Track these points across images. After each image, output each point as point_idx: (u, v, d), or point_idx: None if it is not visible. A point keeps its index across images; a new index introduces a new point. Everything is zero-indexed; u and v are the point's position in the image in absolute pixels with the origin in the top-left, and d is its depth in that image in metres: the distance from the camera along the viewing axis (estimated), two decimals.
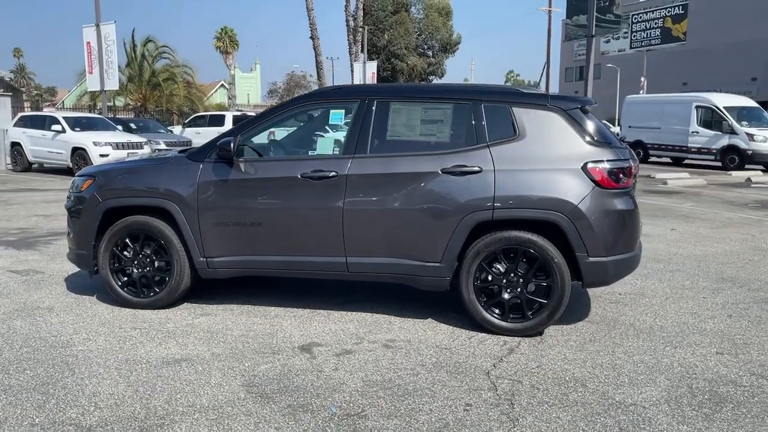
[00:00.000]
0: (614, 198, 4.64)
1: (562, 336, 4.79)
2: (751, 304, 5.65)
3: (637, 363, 4.27)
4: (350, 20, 41.63)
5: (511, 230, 4.68)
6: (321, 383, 3.89)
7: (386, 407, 3.58)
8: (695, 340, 4.71)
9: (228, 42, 73.97)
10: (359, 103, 5.01)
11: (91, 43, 24.53)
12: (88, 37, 24.70)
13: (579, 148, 4.67)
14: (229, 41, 74.06)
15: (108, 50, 24.27)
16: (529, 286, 4.72)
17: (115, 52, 24.62)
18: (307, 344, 4.55)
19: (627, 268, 4.85)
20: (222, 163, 5.07)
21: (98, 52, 24.23)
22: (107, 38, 24.19)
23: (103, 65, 24.18)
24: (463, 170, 4.70)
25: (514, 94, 4.91)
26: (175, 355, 4.33)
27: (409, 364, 4.22)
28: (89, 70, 25.07)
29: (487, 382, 3.95)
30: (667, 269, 6.94)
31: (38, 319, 5.08)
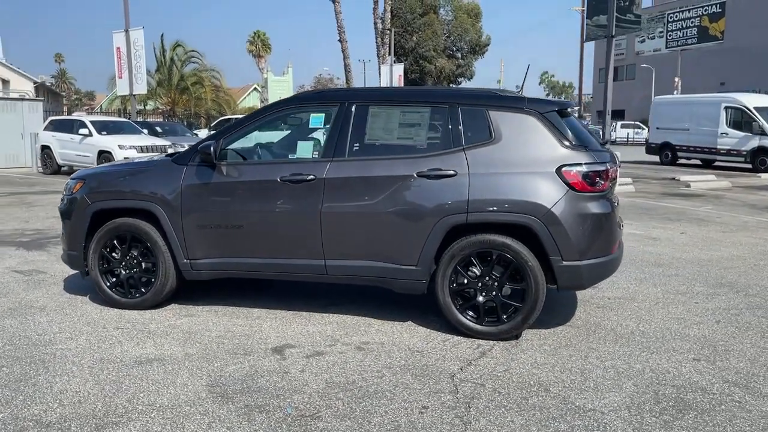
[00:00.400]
0: (589, 201, 4.60)
1: (539, 340, 4.75)
2: (743, 310, 5.52)
3: (608, 368, 4.22)
4: (378, 23, 41.75)
5: (486, 233, 4.67)
6: (284, 384, 3.93)
7: (342, 409, 3.61)
8: (675, 346, 4.63)
9: (260, 46, 74.92)
10: (339, 107, 5.05)
11: (121, 49, 25.10)
12: (117, 43, 25.27)
13: (554, 151, 4.63)
14: (262, 45, 75.00)
15: (136, 55, 24.79)
16: (504, 289, 4.70)
17: (143, 57, 25.15)
18: (281, 346, 4.61)
19: (603, 272, 4.80)
20: (205, 166, 5.16)
21: (127, 57, 24.78)
22: (136, 44, 24.72)
23: (132, 70, 24.71)
24: (438, 174, 4.70)
25: (491, 98, 4.90)
26: (150, 354, 4.43)
27: (377, 366, 4.23)
28: (119, 74, 25.65)
29: (450, 385, 3.94)
30: (665, 273, 6.82)
31: (28, 318, 5.23)
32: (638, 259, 7.48)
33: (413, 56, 46.37)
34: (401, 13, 45.45)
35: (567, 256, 4.56)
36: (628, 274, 6.75)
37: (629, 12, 15.22)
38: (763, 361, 4.35)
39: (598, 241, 4.64)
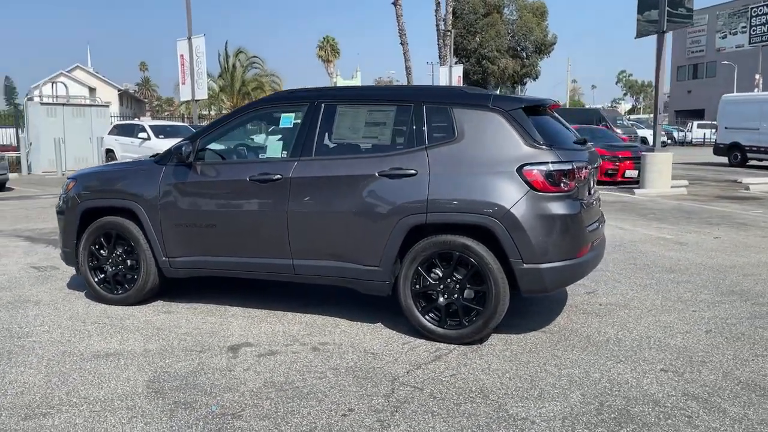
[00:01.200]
0: (552, 202, 4.40)
1: (503, 345, 4.59)
2: (743, 319, 5.16)
3: (562, 377, 4.02)
4: (440, 24, 41.56)
5: (447, 234, 4.55)
6: (223, 383, 3.95)
7: (267, 409, 3.59)
8: (647, 356, 4.37)
9: (329, 50, 76.11)
10: (308, 106, 5.04)
11: (184, 56, 25.98)
12: (181, 50, 26.19)
13: (516, 150, 4.46)
14: (331, 50, 76.17)
15: (198, 62, 25.62)
16: (467, 292, 4.56)
17: (204, 64, 25.97)
18: (239, 344, 4.63)
19: (569, 276, 4.58)
20: (182, 166, 5.26)
21: (190, 64, 25.65)
22: (197, 50, 25.55)
23: (194, 76, 25.55)
24: (399, 173, 4.62)
25: (456, 96, 4.77)
26: (111, 349, 4.54)
27: (323, 367, 4.19)
28: (182, 80, 26.56)
29: (388, 388, 3.86)
30: (675, 280, 6.45)
31: (20, 311, 5.48)
32: (652, 264, 7.11)
33: (475, 57, 45.84)
34: (464, 14, 45.03)
35: (528, 259, 4.38)
36: (633, 280, 6.43)
37: (681, 6, 14.53)
38: (737, 375, 4.04)
39: (561, 244, 4.43)
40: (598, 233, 4.96)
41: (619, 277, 6.54)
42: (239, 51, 33.57)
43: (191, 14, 25.53)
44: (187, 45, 25.65)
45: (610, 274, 6.69)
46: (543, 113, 4.88)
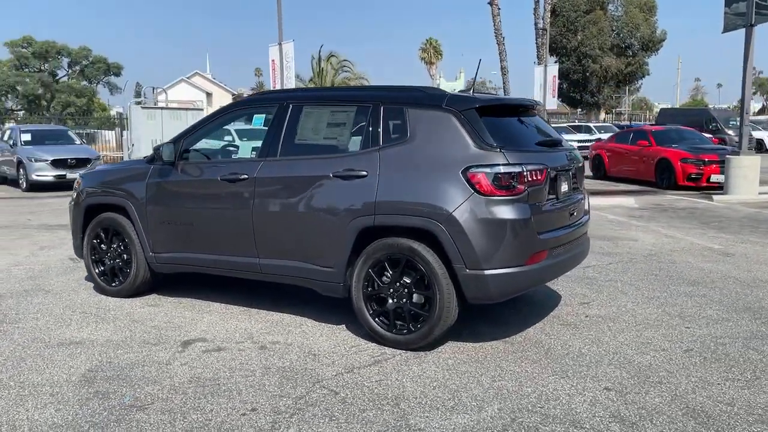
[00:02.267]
0: (498, 206, 4.20)
1: (452, 353, 4.43)
2: (738, 339, 4.69)
3: (491, 389, 3.83)
4: (539, 22, 40.47)
5: (395, 237, 4.45)
6: (153, 376, 4.07)
7: (175, 403, 3.66)
8: (599, 373, 4.08)
9: (432, 52, 76.07)
10: (278, 107, 5.10)
11: (275, 61, 26.94)
12: (272, 56, 27.15)
13: (464, 151, 4.30)
14: (434, 51, 76.09)
15: (287, 66, 26.46)
16: (415, 297, 4.44)
17: (293, 68, 26.78)
18: (195, 339, 4.76)
19: (517, 284, 4.34)
20: (167, 166, 5.47)
21: (280, 69, 26.54)
22: (287, 56, 26.39)
23: (284, 81, 26.40)
24: (351, 174, 4.57)
25: (413, 96, 4.65)
26: (78, 338, 4.80)
27: (257, 365, 4.23)
28: (273, 85, 27.53)
29: (305, 390, 3.83)
30: (690, 293, 5.95)
31: (28, 299, 5.90)
32: (676, 276, 6.60)
33: (576, 56, 44.12)
34: (564, 12, 43.47)
35: (471, 265, 4.20)
36: (642, 292, 6.00)
37: None
38: (687, 400, 3.69)
39: (507, 250, 4.22)
40: (566, 238, 4.67)
41: (626, 288, 6.12)
42: (331, 55, 34.32)
43: (282, 20, 26.40)
44: (278, 50, 26.57)
45: (620, 284, 6.27)
46: (519, 113, 4.69)
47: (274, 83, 27.16)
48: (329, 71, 33.65)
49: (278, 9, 26.30)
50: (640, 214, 11.20)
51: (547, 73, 34.15)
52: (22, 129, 19.38)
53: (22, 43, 60.56)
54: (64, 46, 61.92)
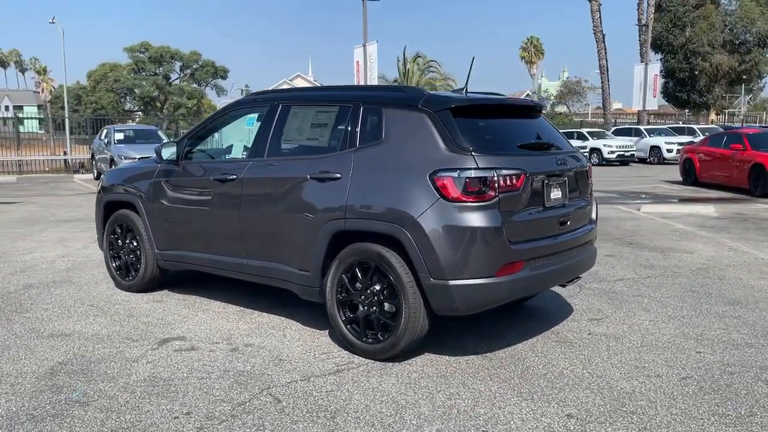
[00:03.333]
0: (465, 212, 3.93)
1: (421, 366, 4.21)
2: (750, 369, 4.16)
3: (441, 408, 3.59)
4: (642, 18, 38.54)
5: (365, 242, 4.28)
6: (114, 372, 4.12)
7: (119, 401, 3.67)
8: (568, 397, 3.73)
9: (533, 51, 74.33)
10: (269, 108, 5.05)
11: (360, 62, 27.23)
12: (357, 57, 27.48)
13: (434, 154, 4.06)
14: (535, 50, 74.34)
15: (371, 67, 26.67)
16: (386, 305, 4.24)
17: (376, 69, 26.98)
18: (175, 337, 4.78)
19: (485, 298, 4.04)
20: (171, 165, 5.56)
21: (364, 70, 26.77)
22: (371, 57, 26.61)
23: (366, 81, 26.61)
24: (325, 176, 4.44)
25: (391, 96, 4.45)
26: (68, 330, 4.95)
27: (217, 367, 4.18)
28: None
29: (249, 396, 3.74)
30: (724, 314, 5.37)
31: (51, 290, 6.18)
32: (716, 294, 5.99)
33: (683, 53, 41.42)
34: (671, 6, 40.92)
35: (435, 274, 3.96)
36: (666, 310, 5.48)
37: None
38: None
39: (474, 260, 3.94)
40: (553, 249, 4.31)
41: (651, 305, 5.61)
42: (417, 56, 34.17)
43: (367, 22, 26.64)
44: (363, 52, 26.82)
45: (647, 300, 5.76)
46: (513, 114, 4.41)
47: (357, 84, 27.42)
48: (415, 72, 33.53)
49: (363, 10, 26.56)
50: (713, 224, 10.32)
51: (648, 71, 32.43)
52: (116, 129, 20.58)
53: (140, 49, 64.60)
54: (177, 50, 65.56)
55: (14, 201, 15.03)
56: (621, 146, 29.11)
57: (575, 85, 49.65)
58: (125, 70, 64.29)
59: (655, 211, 11.89)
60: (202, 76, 66.03)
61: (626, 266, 7.14)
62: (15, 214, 12.27)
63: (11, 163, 25.06)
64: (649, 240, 8.78)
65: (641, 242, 8.62)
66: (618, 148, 29.15)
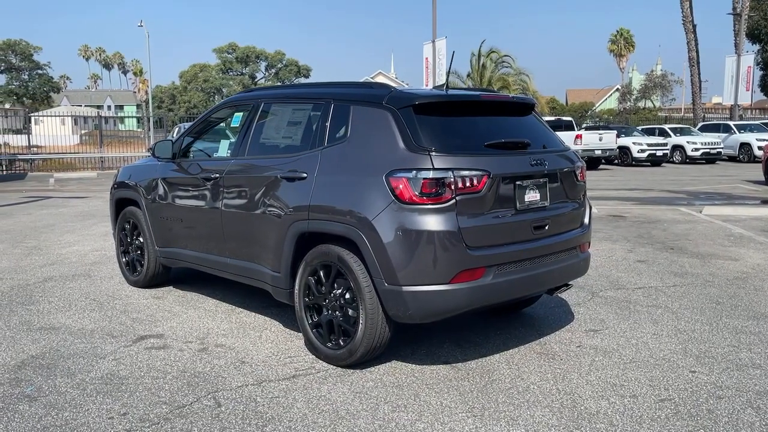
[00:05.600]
0: (418, 215, 3.71)
1: (384, 373, 4.03)
2: (745, 393, 3.73)
3: (378, 420, 3.40)
4: (737, 6, 36.21)
5: (328, 244, 4.14)
6: (76, 368, 4.16)
7: (66, 398, 3.68)
8: (522, 415, 3.46)
9: (623, 44, 71.41)
10: (252, 106, 5.00)
11: (429, 59, 26.96)
12: (426, 54, 27.21)
13: (393, 153, 3.86)
14: (624, 43, 71.42)
15: (439, 64, 26.33)
16: (349, 311, 4.08)
17: (444, 65, 26.54)
18: (153, 335, 4.81)
19: (440, 305, 3.79)
20: (169, 162, 5.62)
21: (432, 66, 26.49)
22: (439, 53, 26.28)
23: (435, 78, 26.32)
24: (293, 176, 4.34)
25: (360, 92, 4.29)
26: (58, 324, 5.07)
27: (174, 367, 4.15)
28: (425, 83, 27.55)
29: (193, 398, 3.68)
30: (743, 329, 4.88)
31: (66, 283, 6.39)
32: (746, 306, 5.46)
33: None
34: None
35: (389, 279, 3.77)
36: (680, 322, 5.04)
37: None
38: None
39: (427, 265, 3.71)
40: (526, 255, 4.02)
41: (663, 317, 5.16)
42: (491, 51, 33.43)
43: (436, 17, 26.33)
44: (432, 48, 26.54)
45: (660, 311, 5.31)
46: (492, 111, 4.16)
47: (426, 81, 27.19)
48: (489, 66, 32.83)
49: (433, 6, 26.27)
50: None
51: (741, 63, 30.40)
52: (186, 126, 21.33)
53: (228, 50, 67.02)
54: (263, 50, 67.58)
55: (85, 196, 15.82)
56: (706, 143, 27.49)
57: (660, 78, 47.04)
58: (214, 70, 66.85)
59: (718, 214, 11.06)
60: (286, 74, 67.65)
61: (654, 273, 6.64)
62: (78, 209, 12.88)
63: (95, 160, 26.45)
64: (695, 245, 8.16)
65: (684, 247, 8.02)
66: (703, 145, 27.55)
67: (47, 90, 61.96)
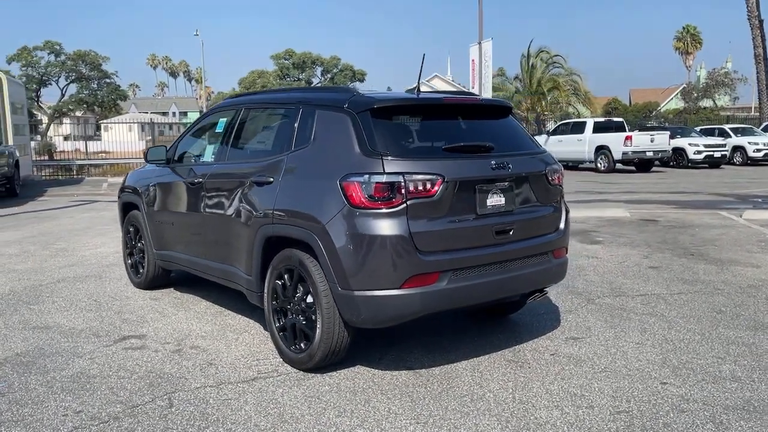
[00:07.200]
0: (368, 219, 3.68)
1: (344, 378, 4.02)
2: (711, 407, 3.55)
3: (318, 426, 3.40)
4: None
5: (292, 248, 4.16)
6: (52, 366, 4.30)
7: (32, 395, 3.81)
8: (464, 424, 3.39)
9: (689, 41, 69.02)
10: (234, 111, 5.08)
11: (475, 60, 26.70)
12: (473, 55, 26.96)
13: (348, 157, 3.85)
14: (691, 40, 69.01)
15: (485, 65, 26.05)
16: (309, 314, 4.09)
17: (490, 67, 26.29)
18: (135, 335, 4.93)
19: (391, 311, 3.74)
20: (164, 167, 5.76)
21: (479, 68, 26.24)
22: (485, 54, 25.99)
23: (481, 79, 26.07)
24: (262, 180, 4.38)
25: (324, 97, 4.30)
26: (53, 323, 5.26)
27: (142, 369, 4.23)
28: (472, 84, 27.32)
29: (148, 399, 3.76)
30: (736, 340, 4.64)
31: (78, 284, 6.62)
32: (749, 316, 5.19)
33: None
34: None
35: (342, 283, 3.77)
36: (670, 332, 4.83)
37: None
38: None
39: (378, 270, 3.68)
40: (486, 260, 3.93)
41: (654, 326, 4.95)
42: (541, 50, 32.79)
43: (483, 17, 26.09)
44: (478, 50, 26.29)
45: (654, 320, 5.10)
46: (462, 116, 4.12)
47: (473, 83, 26.96)
48: (539, 67, 32.22)
49: (479, 7, 26.04)
50: None
51: None
52: None
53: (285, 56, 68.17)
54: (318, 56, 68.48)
55: None
56: None
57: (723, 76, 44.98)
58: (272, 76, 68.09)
59: (759, 219, 10.53)
60: (341, 79, 68.21)
61: (663, 280, 6.38)
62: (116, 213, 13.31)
63: None
64: (719, 251, 7.79)
65: (706, 253, 7.67)
66: (765, 146, 26.34)
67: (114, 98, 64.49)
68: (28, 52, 49.82)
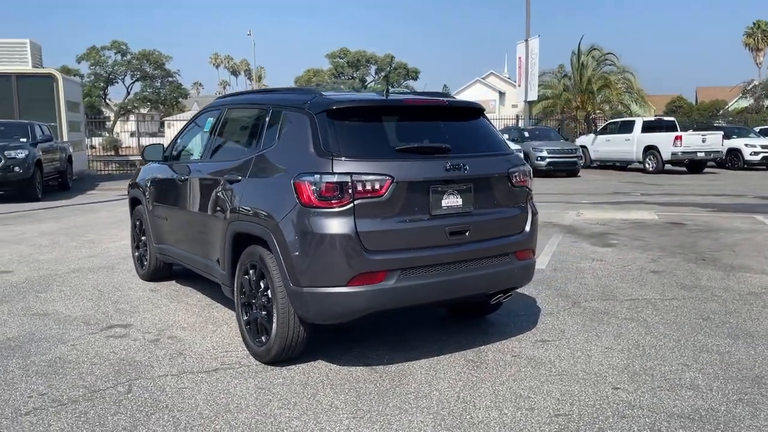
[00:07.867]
0: (316, 218, 3.77)
1: (299, 373, 4.12)
2: (657, 414, 3.49)
3: (257, 417, 3.51)
4: None
5: (255, 245, 4.29)
6: (35, 351, 4.54)
7: (6, 377, 4.04)
8: (400, 420, 3.44)
9: (760, 37, 66.07)
10: (219, 111, 5.26)
11: (522, 58, 26.39)
12: (519, 53, 26.66)
13: (303, 158, 3.96)
14: (762, 36, 66.03)
15: (532, 63, 25.72)
16: (269, 309, 4.22)
17: (537, 65, 25.91)
18: (122, 324, 5.15)
19: (338, 307, 3.82)
20: (163, 164, 6.00)
21: (526, 66, 25.91)
22: (532, 52, 25.66)
23: (528, 77, 25.74)
24: (232, 179, 4.54)
25: (290, 97, 4.41)
26: (53, 311, 5.55)
27: (116, 356, 4.44)
28: (518, 83, 27.00)
29: (110, 385, 3.95)
30: (713, 348, 4.52)
31: (88, 275, 6.95)
32: (737, 325, 5.04)
33: None
34: None
35: (292, 280, 3.88)
36: (644, 338, 4.74)
37: None
38: None
39: (324, 267, 3.77)
40: (437, 260, 3.96)
41: (629, 332, 4.87)
42: (592, 48, 31.97)
43: (530, 14, 25.74)
44: (525, 47, 25.97)
45: (633, 325, 5.01)
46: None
47: (519, 81, 26.64)
48: (590, 65, 31.46)
49: (527, 4, 25.72)
50: None
51: None
52: None
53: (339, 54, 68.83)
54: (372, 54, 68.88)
55: None
56: None
57: None
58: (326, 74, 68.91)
59: None
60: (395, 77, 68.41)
61: (660, 285, 6.23)
62: None
63: None
64: (734, 257, 7.53)
65: (719, 258, 7.43)
66: None
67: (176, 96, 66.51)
68: (96, 51, 51.90)
